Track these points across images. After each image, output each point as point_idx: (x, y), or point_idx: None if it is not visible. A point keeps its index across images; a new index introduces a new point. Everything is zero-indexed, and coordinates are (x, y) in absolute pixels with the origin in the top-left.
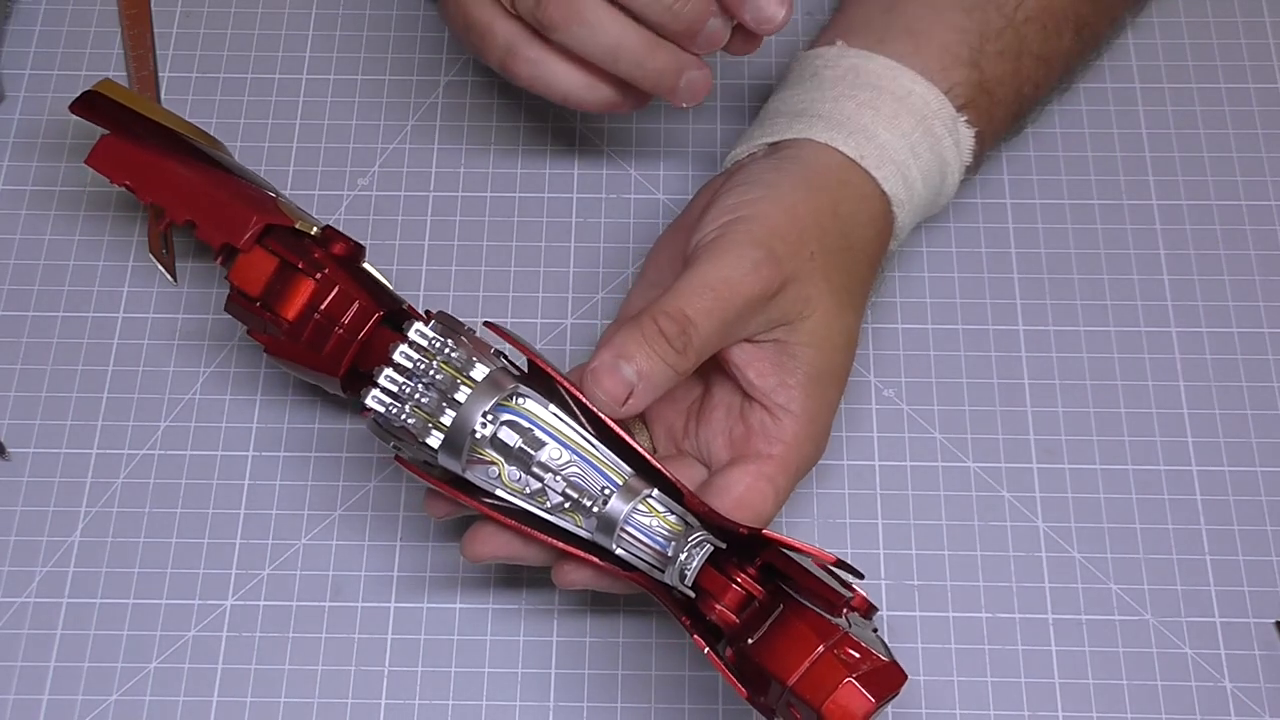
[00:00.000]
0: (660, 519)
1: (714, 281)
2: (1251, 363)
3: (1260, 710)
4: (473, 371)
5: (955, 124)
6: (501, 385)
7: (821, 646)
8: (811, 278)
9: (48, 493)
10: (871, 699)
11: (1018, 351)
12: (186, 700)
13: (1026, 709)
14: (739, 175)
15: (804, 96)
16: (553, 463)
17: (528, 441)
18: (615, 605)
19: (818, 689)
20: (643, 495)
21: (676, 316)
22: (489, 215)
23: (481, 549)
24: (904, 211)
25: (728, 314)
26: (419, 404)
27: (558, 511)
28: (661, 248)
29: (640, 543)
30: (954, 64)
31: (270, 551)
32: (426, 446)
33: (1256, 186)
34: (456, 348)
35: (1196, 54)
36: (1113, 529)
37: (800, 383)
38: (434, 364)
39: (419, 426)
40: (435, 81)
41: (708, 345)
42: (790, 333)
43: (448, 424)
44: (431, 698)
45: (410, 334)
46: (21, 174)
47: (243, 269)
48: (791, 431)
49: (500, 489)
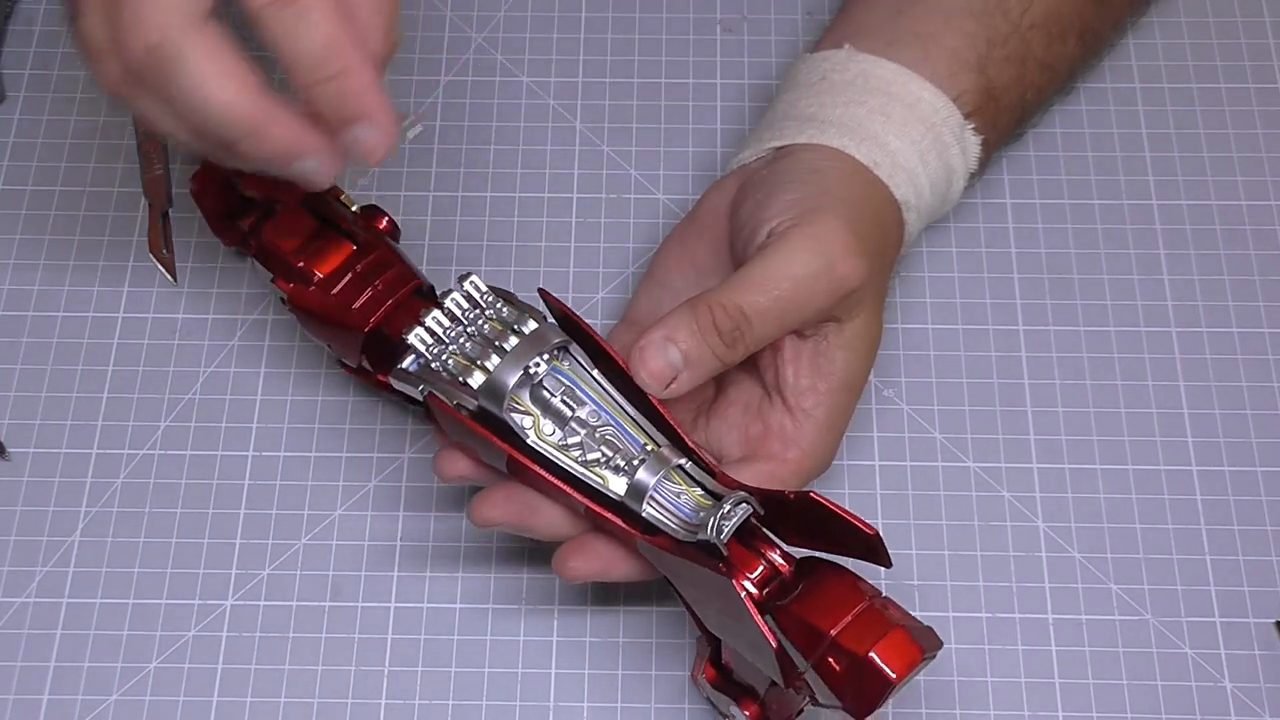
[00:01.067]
0: (690, 493)
1: (780, 281)
2: (1251, 363)
3: (1260, 710)
4: (523, 326)
5: (963, 132)
6: (549, 339)
7: (866, 601)
8: (867, 283)
9: (48, 493)
10: (920, 648)
11: (1018, 351)
12: (186, 700)
13: (1026, 709)
14: (778, 174)
15: (812, 101)
16: (590, 420)
17: (568, 397)
18: (615, 605)
19: (863, 638)
20: (675, 464)
21: (733, 312)
22: (489, 215)
23: (490, 513)
24: (914, 217)
25: (786, 315)
26: (462, 349)
27: (589, 466)
28: (670, 249)
29: (668, 511)
30: (962, 70)
31: (270, 551)
32: (465, 387)
33: (1256, 186)
34: (506, 306)
35: (1196, 54)
36: (1113, 529)
37: (830, 389)
38: (483, 315)
39: (458, 368)
40: (435, 81)
41: (760, 342)
42: (837, 332)
43: (492, 368)
44: (431, 698)
45: (465, 285)
46: (21, 174)
47: (283, 222)
48: (810, 438)
49: (533, 439)
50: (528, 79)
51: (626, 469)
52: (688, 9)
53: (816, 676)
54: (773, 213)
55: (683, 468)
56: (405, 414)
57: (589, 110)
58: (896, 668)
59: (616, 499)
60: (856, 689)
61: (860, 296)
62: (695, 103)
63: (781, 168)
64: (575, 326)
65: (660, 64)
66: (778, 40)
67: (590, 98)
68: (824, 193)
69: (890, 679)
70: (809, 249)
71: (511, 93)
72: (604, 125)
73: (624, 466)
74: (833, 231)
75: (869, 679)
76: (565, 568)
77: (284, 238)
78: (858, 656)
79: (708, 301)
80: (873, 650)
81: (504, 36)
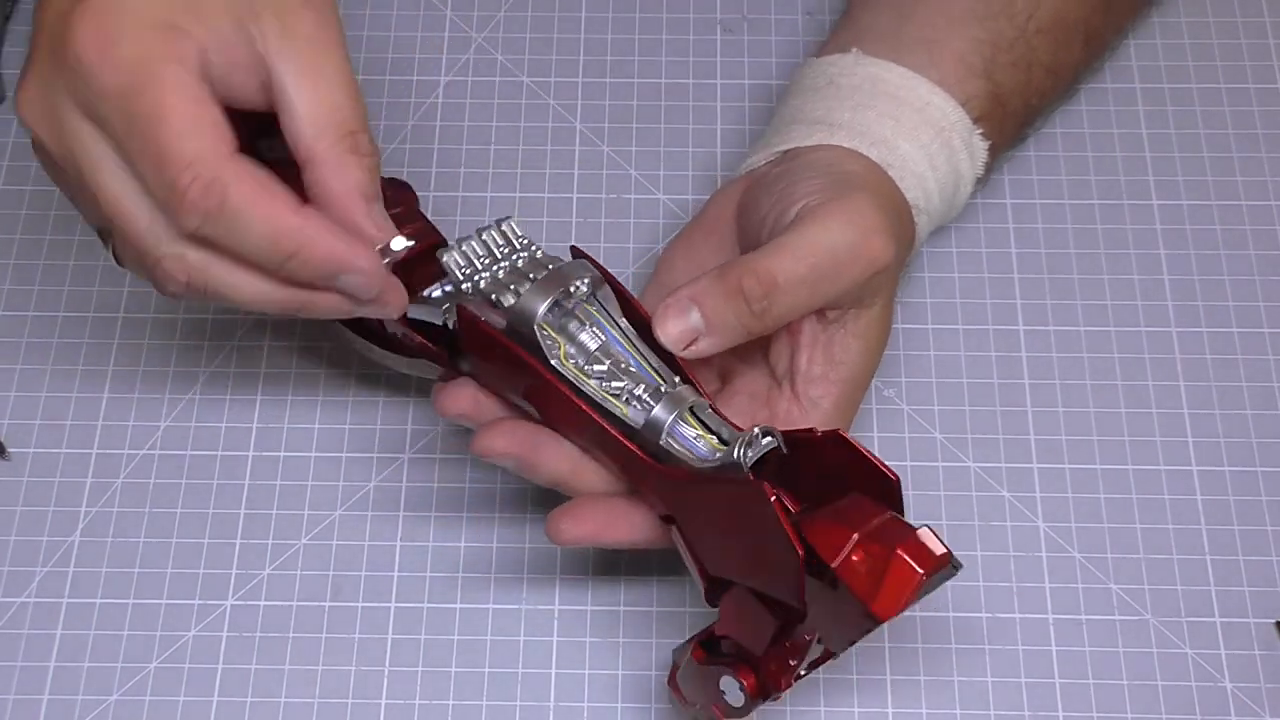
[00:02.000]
0: (706, 438)
1: (818, 249)
2: (1251, 363)
3: (1260, 710)
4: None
5: (971, 136)
6: (582, 273)
7: (888, 513)
8: (892, 266)
9: (48, 493)
10: (947, 549)
11: (1018, 351)
12: (186, 700)
13: (1026, 709)
14: (795, 169)
15: (821, 105)
16: (616, 355)
17: (596, 330)
18: (615, 605)
19: (889, 538)
20: (691, 401)
21: (764, 278)
22: (489, 215)
23: (494, 442)
24: (924, 220)
25: (820, 285)
26: (495, 276)
27: (610, 395)
28: (675, 251)
29: (684, 451)
30: (969, 75)
31: (270, 551)
32: (498, 305)
33: (1256, 186)
34: (540, 251)
35: (1196, 54)
36: (1113, 529)
37: (840, 379)
38: (518, 254)
39: (491, 288)
40: (435, 81)
41: (790, 313)
42: (855, 319)
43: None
44: (431, 698)
45: (502, 225)
46: (21, 174)
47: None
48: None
49: (557, 362)
50: (528, 79)
51: (647, 401)
52: (688, 9)
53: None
54: (801, 194)
55: (698, 413)
56: (405, 414)
57: (589, 110)
58: (924, 563)
59: (635, 428)
60: (882, 586)
61: (884, 280)
62: (695, 103)
63: (796, 165)
64: (608, 282)
65: (660, 64)
66: (778, 40)
67: (590, 98)
68: (850, 178)
69: (918, 574)
70: (845, 221)
71: (511, 93)
72: (604, 125)
73: (645, 399)
74: (867, 207)
75: (896, 574)
76: (557, 530)
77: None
78: (884, 553)
79: (738, 268)
80: (899, 547)
81: (504, 36)
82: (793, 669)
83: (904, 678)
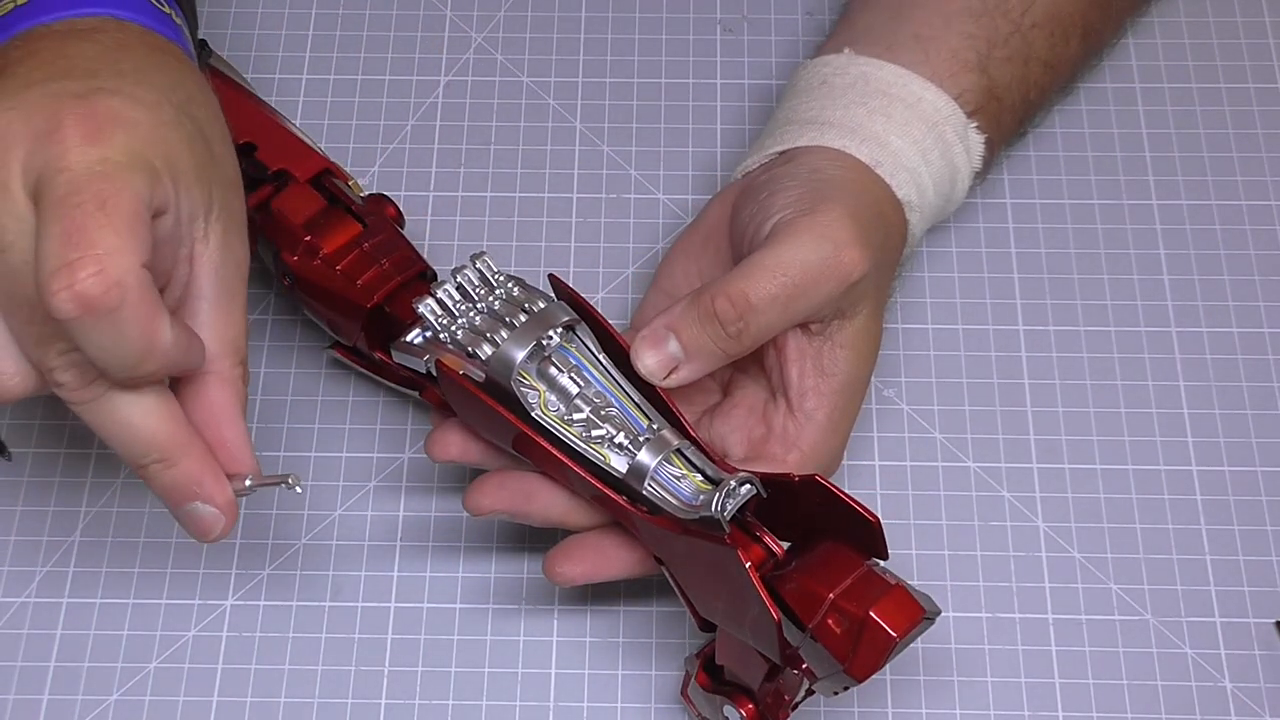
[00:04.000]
0: (690, 477)
1: (789, 265)
2: (1251, 363)
3: (1260, 710)
4: (533, 305)
5: (966, 130)
6: (559, 317)
7: (865, 565)
8: (870, 276)
9: (48, 493)
10: (920, 607)
11: (1018, 351)
12: (186, 700)
13: (1026, 709)
14: (780, 176)
15: (813, 105)
16: (595, 400)
17: (574, 375)
18: (615, 605)
19: (862, 598)
20: (675, 446)
21: (737, 300)
22: (489, 215)
23: (484, 500)
24: (917, 217)
25: (794, 302)
26: (471, 323)
27: (591, 443)
28: (675, 257)
29: (667, 495)
30: (962, 70)
31: (270, 551)
32: (474, 358)
33: (1256, 186)
34: (517, 286)
35: (1196, 54)
36: (1113, 529)
37: (832, 390)
38: (493, 293)
39: (467, 339)
40: (435, 81)
41: (766, 331)
42: (840, 330)
43: (500, 341)
44: (431, 698)
45: (478, 263)
46: None
47: (292, 198)
48: (810, 440)
49: (538, 413)
50: (528, 79)
51: (629, 448)
52: (688, 9)
53: (815, 645)
54: (777, 206)
55: (684, 452)
56: (405, 414)
57: (589, 110)
58: (897, 626)
59: (618, 476)
60: (858, 649)
61: (864, 290)
62: (695, 103)
63: (781, 171)
64: (583, 311)
65: (660, 64)
66: (778, 40)
67: (590, 98)
68: (826, 188)
69: (891, 637)
70: (815, 235)
71: (511, 93)
72: (604, 125)
73: (626, 445)
74: (838, 220)
75: (870, 638)
76: (554, 572)
77: (293, 210)
78: (858, 616)
79: (711, 292)
80: (872, 609)
81: (504, 36)
82: (786, 703)
83: (904, 678)
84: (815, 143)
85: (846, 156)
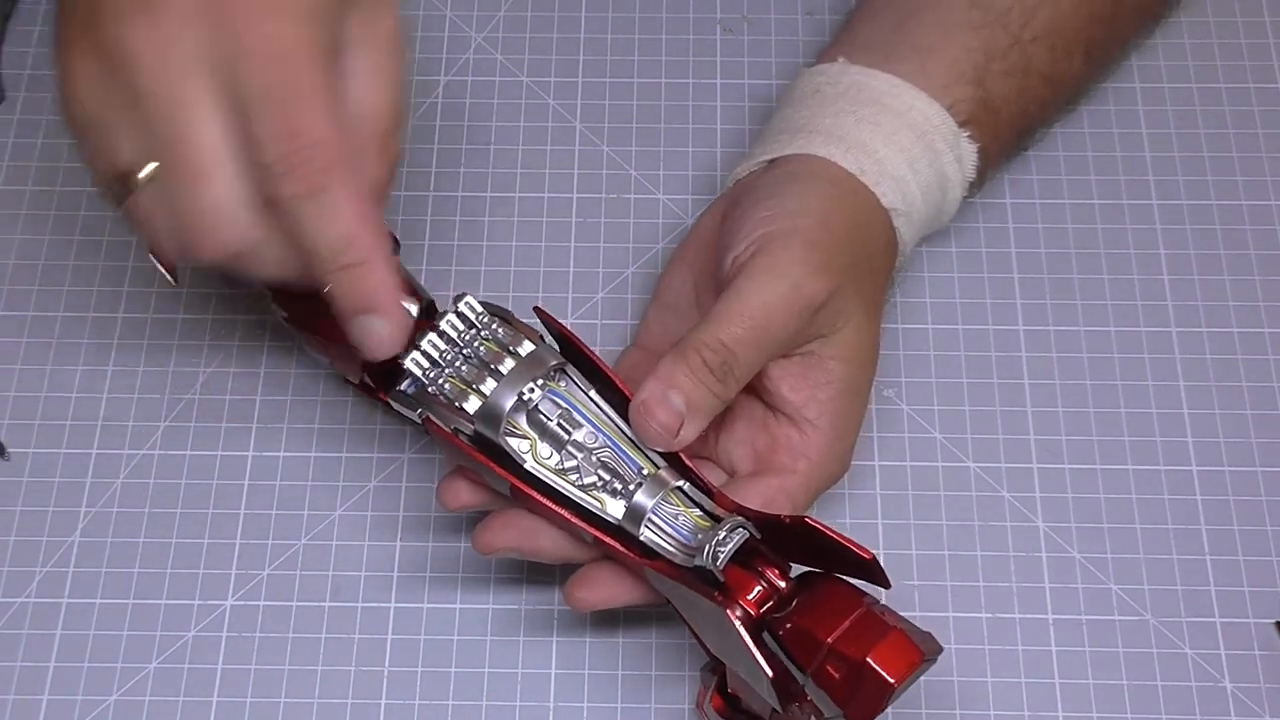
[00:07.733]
0: (688, 514)
1: (752, 309)
2: (1251, 363)
3: (1260, 710)
4: (519, 348)
5: (957, 140)
6: (545, 362)
7: (863, 607)
8: (846, 290)
9: (48, 493)
10: (919, 650)
11: (1018, 351)
12: (186, 700)
13: (1026, 709)
14: (757, 188)
15: (804, 113)
16: (588, 443)
17: (565, 420)
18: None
19: (860, 643)
20: (672, 486)
21: (716, 347)
22: (489, 215)
23: (494, 540)
24: (904, 223)
25: (766, 340)
26: (459, 372)
27: (587, 490)
28: (673, 271)
29: (666, 534)
30: (957, 81)
31: (270, 551)
32: (462, 411)
33: (1256, 186)
34: (502, 326)
35: (1196, 54)
36: (1113, 529)
37: (831, 397)
38: (479, 336)
39: (455, 393)
40: (435, 82)
41: (748, 372)
42: (824, 345)
43: (488, 392)
44: (431, 698)
45: (460, 306)
46: (21, 174)
47: None
48: (817, 448)
49: (530, 464)
50: (528, 79)
51: (624, 492)
52: (688, 9)
53: (816, 687)
54: (737, 239)
55: (681, 489)
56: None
57: (589, 110)
58: (895, 672)
59: (615, 523)
60: (856, 695)
61: (837, 308)
62: (695, 103)
63: (761, 182)
64: (572, 345)
65: (660, 64)
66: (778, 40)
67: (590, 98)
68: (787, 210)
69: (889, 683)
70: (771, 274)
71: (511, 93)
72: (604, 125)
73: (621, 490)
74: (790, 254)
75: (868, 684)
76: (574, 599)
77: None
78: (856, 662)
79: (693, 344)
80: (870, 655)
81: (504, 36)
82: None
83: None
84: (802, 150)
85: (832, 165)
